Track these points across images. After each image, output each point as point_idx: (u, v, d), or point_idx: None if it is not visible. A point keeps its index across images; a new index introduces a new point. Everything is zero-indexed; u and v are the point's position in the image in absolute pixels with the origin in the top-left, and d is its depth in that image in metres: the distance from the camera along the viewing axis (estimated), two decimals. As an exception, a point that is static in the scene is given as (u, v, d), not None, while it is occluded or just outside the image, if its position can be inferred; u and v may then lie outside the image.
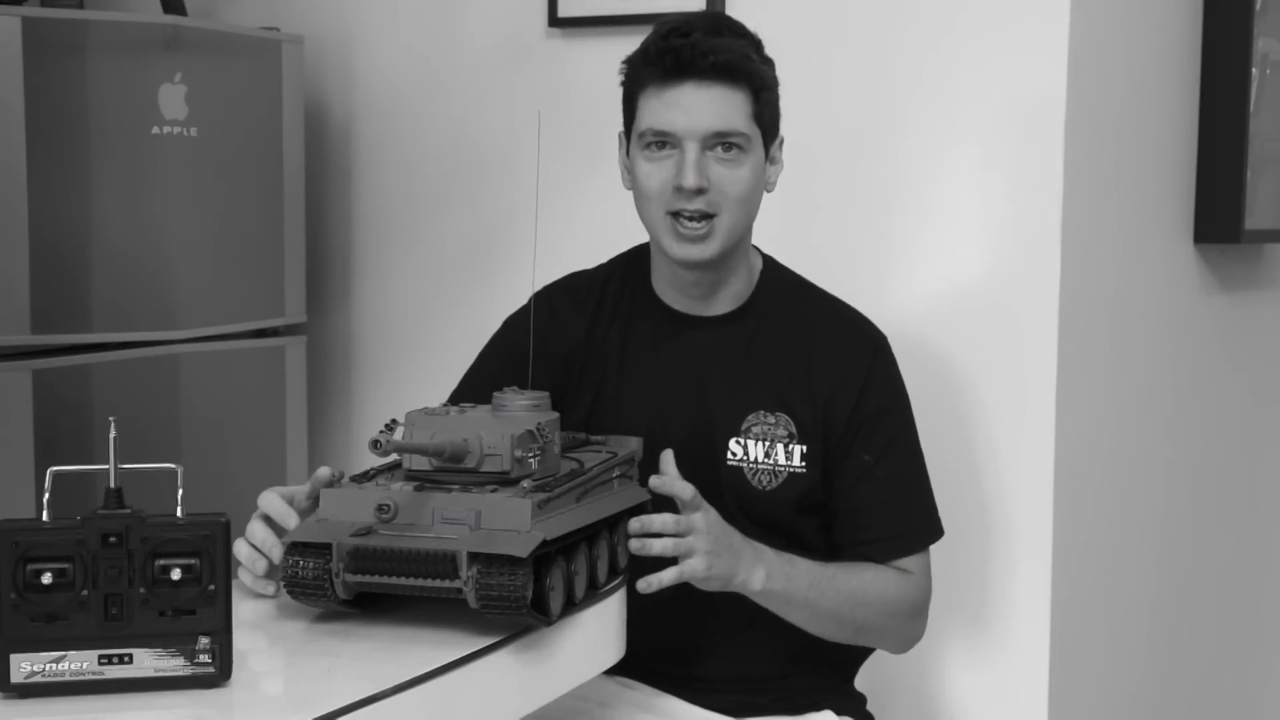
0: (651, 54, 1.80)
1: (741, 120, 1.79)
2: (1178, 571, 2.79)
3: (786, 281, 1.96)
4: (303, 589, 1.48)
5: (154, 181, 2.50)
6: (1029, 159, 2.30)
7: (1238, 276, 2.94)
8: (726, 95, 1.78)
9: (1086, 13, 2.30)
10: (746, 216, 1.85)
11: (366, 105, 2.89)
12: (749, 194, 1.83)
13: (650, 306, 1.94)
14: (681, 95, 1.78)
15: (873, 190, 2.41)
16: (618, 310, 1.95)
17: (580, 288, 1.98)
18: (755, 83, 1.81)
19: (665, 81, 1.79)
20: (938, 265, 2.37)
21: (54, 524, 1.26)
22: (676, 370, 1.91)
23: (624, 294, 1.95)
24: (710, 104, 1.78)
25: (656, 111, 1.80)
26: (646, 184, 1.82)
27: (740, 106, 1.79)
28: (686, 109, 1.78)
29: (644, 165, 1.82)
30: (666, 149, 1.80)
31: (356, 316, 2.93)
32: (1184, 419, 2.77)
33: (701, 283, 1.89)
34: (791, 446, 1.85)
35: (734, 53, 1.79)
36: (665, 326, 1.92)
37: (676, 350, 1.91)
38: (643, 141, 1.82)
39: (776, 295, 1.93)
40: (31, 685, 1.25)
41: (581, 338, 1.94)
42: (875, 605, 1.84)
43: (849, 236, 2.43)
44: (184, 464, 1.29)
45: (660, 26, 1.83)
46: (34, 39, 2.32)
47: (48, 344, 2.39)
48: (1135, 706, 2.67)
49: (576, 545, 1.54)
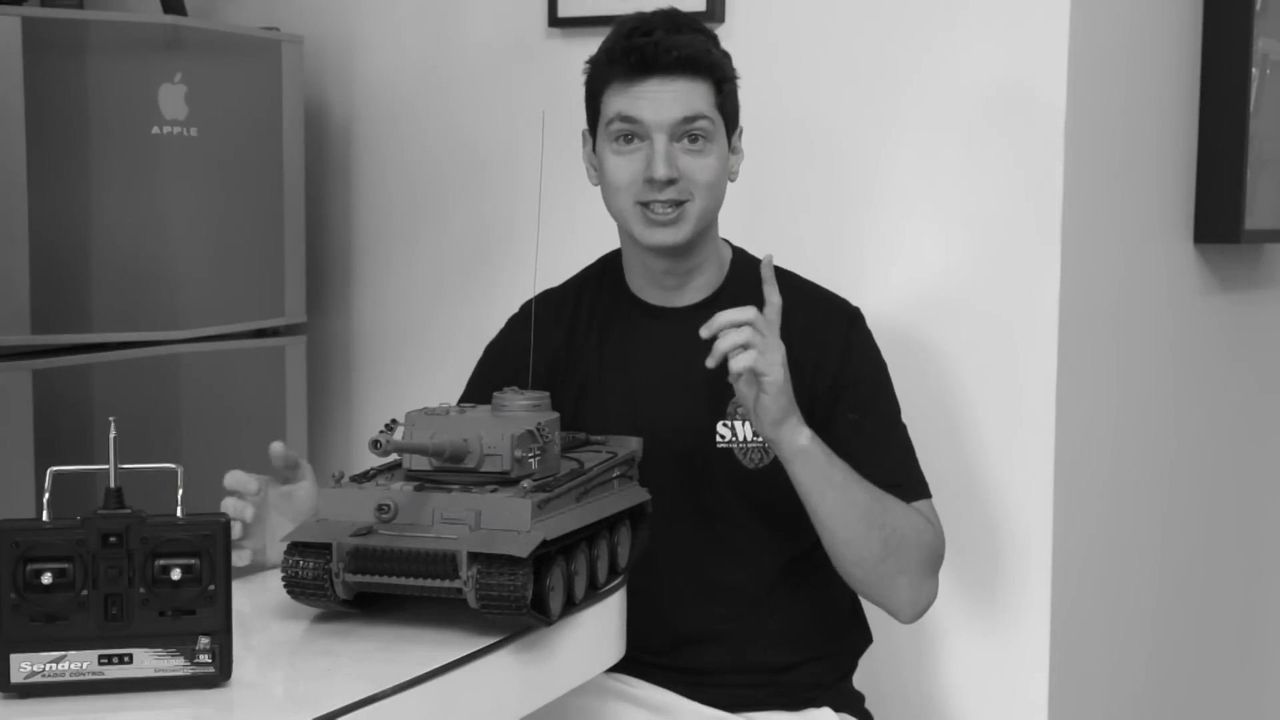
0: (616, 53, 1.86)
1: (706, 107, 1.85)
2: (1178, 571, 2.79)
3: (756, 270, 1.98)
4: (303, 589, 1.48)
5: (154, 181, 2.50)
6: (1029, 159, 2.30)
7: (1238, 276, 2.94)
8: (690, 86, 1.84)
9: (1086, 12, 2.30)
10: (715, 202, 1.89)
11: (366, 105, 2.89)
12: (716, 180, 1.88)
13: (626, 304, 1.98)
14: (647, 89, 1.83)
15: (872, 190, 2.41)
16: (594, 312, 1.99)
17: (556, 299, 2.03)
18: (717, 74, 1.86)
19: (631, 78, 1.84)
20: (938, 265, 2.37)
21: (54, 524, 1.26)
22: (656, 362, 1.94)
23: (600, 297, 2.00)
24: (675, 97, 1.83)
25: (623, 107, 1.85)
26: (616, 176, 1.87)
27: (704, 96, 1.85)
28: (652, 103, 1.83)
29: (613, 159, 1.87)
30: (634, 142, 1.85)
31: (356, 316, 2.93)
32: (1184, 419, 2.77)
33: (674, 271, 1.93)
34: None
35: (695, 47, 1.85)
36: (641, 321, 1.96)
37: (655, 343, 1.95)
38: (610, 132, 1.87)
39: (748, 281, 1.94)
40: (31, 685, 1.25)
41: (562, 343, 1.98)
42: (901, 519, 1.82)
43: (848, 236, 2.43)
44: (184, 464, 1.29)
45: (620, 26, 1.89)
46: (34, 39, 2.32)
47: (48, 344, 2.39)
48: (1135, 705, 2.67)
49: (576, 545, 1.55)
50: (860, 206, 2.43)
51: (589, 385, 1.95)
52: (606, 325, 1.98)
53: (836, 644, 1.97)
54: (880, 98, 2.41)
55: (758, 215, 2.37)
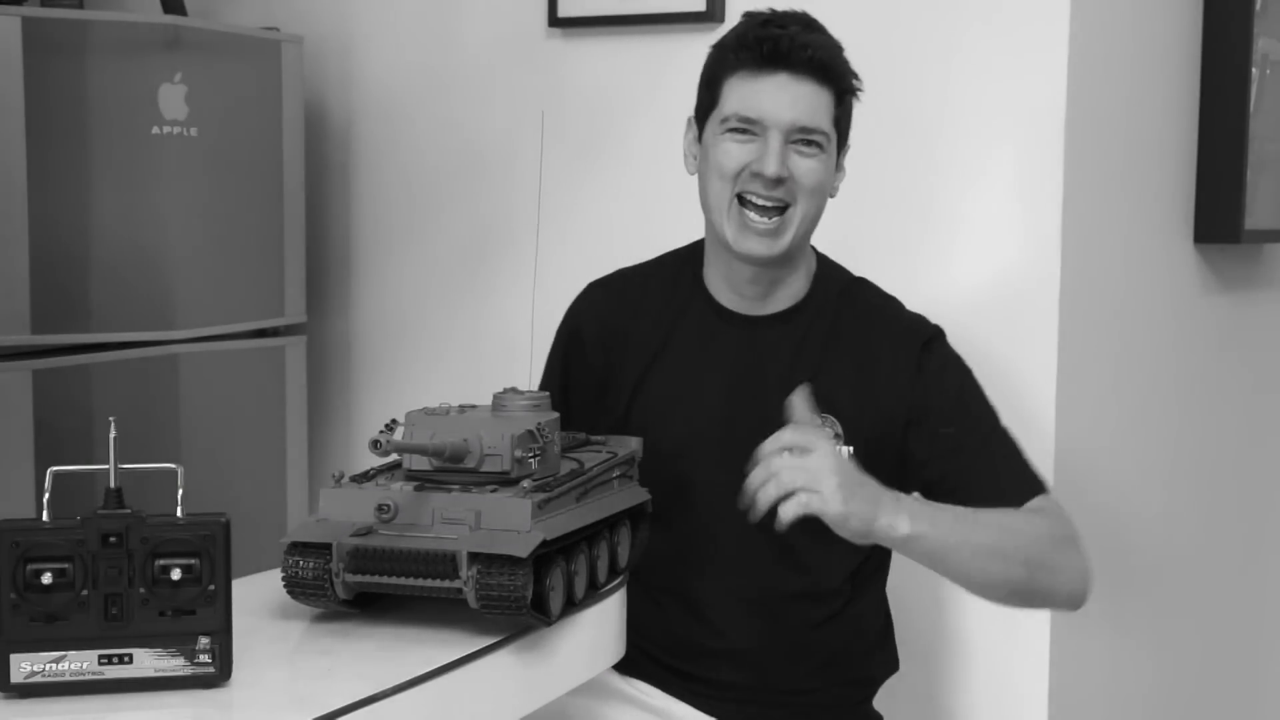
0: (749, 39, 1.80)
1: (825, 119, 1.80)
2: (1178, 570, 2.79)
3: (840, 280, 1.94)
4: (303, 589, 1.48)
5: (154, 181, 2.50)
6: (1029, 159, 2.30)
7: (1238, 276, 2.94)
8: (816, 92, 1.79)
9: (1087, 13, 2.30)
10: (817, 211, 1.84)
11: (366, 105, 2.89)
12: (823, 188, 1.82)
13: (700, 302, 1.91)
14: (773, 84, 1.78)
15: (872, 191, 2.41)
16: (666, 305, 1.92)
17: (626, 282, 1.97)
18: (842, 85, 1.82)
19: (759, 69, 1.78)
20: (938, 265, 2.37)
21: (54, 524, 1.26)
22: (722, 370, 1.88)
23: (674, 288, 1.93)
24: (800, 98, 1.78)
25: (745, 98, 1.79)
26: (724, 162, 1.80)
27: (826, 106, 1.80)
28: (775, 98, 1.77)
29: (725, 144, 1.80)
30: (748, 135, 1.79)
31: (356, 316, 2.93)
32: (1184, 418, 2.77)
33: (759, 280, 1.87)
34: (839, 448, 1.77)
35: (830, 50, 1.80)
36: (714, 324, 1.90)
37: (724, 349, 1.89)
38: (725, 126, 1.80)
39: (830, 294, 1.91)
40: (31, 685, 1.25)
41: (625, 331, 1.92)
42: (1029, 533, 1.74)
43: (848, 236, 2.43)
44: (184, 464, 1.29)
45: (754, 16, 1.83)
46: (34, 39, 2.32)
47: (48, 344, 2.39)
48: (1136, 705, 2.67)
49: (576, 545, 1.54)
50: (860, 208, 2.42)
51: (647, 381, 1.89)
52: (676, 320, 1.91)
53: (862, 670, 1.92)
54: (878, 100, 2.40)
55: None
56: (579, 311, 1.98)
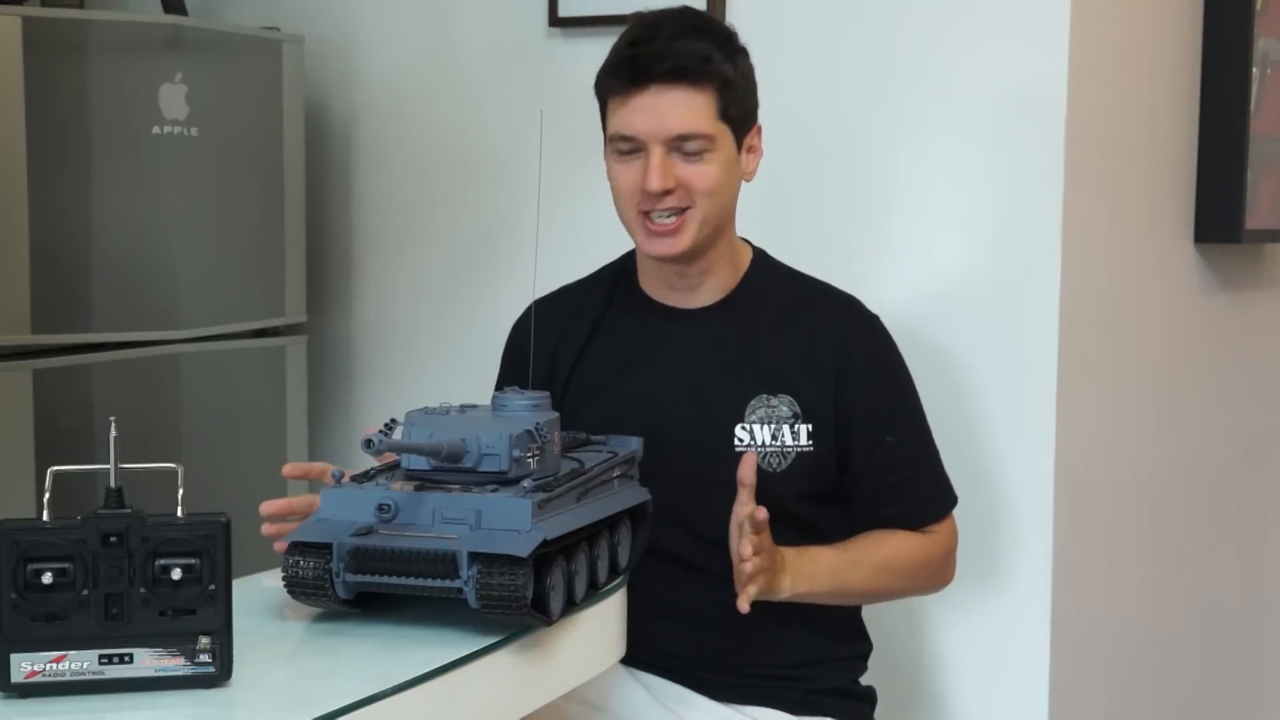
0: (611, 65, 1.85)
1: (704, 122, 1.81)
2: (1177, 570, 2.79)
3: (776, 272, 2.00)
4: (303, 589, 1.48)
5: (154, 181, 2.50)
6: (1030, 158, 2.30)
7: (1238, 276, 2.94)
8: (688, 97, 1.81)
9: (1087, 12, 2.30)
10: (719, 208, 1.87)
11: (366, 105, 2.89)
12: (718, 187, 1.85)
13: (639, 304, 1.98)
14: (644, 100, 1.81)
15: (873, 188, 2.41)
16: (607, 312, 1.99)
17: (566, 294, 2.03)
18: (717, 82, 1.82)
19: (629, 88, 1.82)
20: (938, 264, 2.37)
21: (54, 524, 1.26)
22: (672, 364, 1.93)
23: (613, 297, 2.00)
24: (671, 107, 1.80)
25: (622, 118, 1.83)
26: (617, 185, 1.87)
27: (703, 107, 1.81)
28: (647, 114, 1.81)
29: (614, 167, 1.87)
30: (634, 153, 1.83)
31: (356, 316, 2.93)
32: (1184, 418, 2.77)
33: (685, 274, 1.92)
34: (797, 426, 1.88)
35: (691, 56, 1.81)
36: (654, 321, 1.96)
37: (669, 344, 1.94)
38: (613, 148, 1.86)
39: (765, 283, 1.96)
40: (31, 685, 1.25)
41: (576, 343, 1.97)
42: (903, 572, 1.93)
43: (848, 235, 2.43)
44: (184, 464, 1.29)
45: (626, 32, 1.87)
46: (34, 39, 2.32)
47: (48, 344, 2.39)
48: (1136, 703, 2.67)
49: (576, 545, 1.54)
50: (860, 206, 2.43)
51: (602, 386, 1.94)
52: (619, 325, 1.98)
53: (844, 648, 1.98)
54: (880, 98, 2.41)
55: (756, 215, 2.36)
56: (520, 326, 2.03)
